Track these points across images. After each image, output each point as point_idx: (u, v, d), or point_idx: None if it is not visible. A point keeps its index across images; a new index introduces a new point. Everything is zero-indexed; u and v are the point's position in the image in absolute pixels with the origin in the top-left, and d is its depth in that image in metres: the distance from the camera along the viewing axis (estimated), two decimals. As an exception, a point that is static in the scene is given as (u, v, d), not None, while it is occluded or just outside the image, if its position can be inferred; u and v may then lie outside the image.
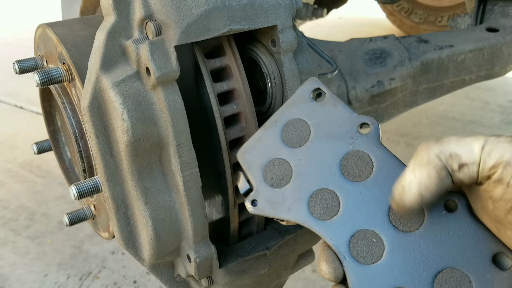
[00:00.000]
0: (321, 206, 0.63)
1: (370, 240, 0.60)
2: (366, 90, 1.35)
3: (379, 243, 0.59)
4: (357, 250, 0.60)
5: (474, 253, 0.56)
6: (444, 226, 0.58)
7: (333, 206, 0.62)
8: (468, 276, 0.56)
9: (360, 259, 0.59)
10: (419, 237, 0.58)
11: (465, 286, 0.56)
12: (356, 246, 0.60)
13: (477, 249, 0.56)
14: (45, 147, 1.11)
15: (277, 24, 0.82)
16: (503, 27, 1.53)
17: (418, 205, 0.55)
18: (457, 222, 0.58)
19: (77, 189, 0.84)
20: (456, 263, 0.57)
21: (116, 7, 0.73)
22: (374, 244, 0.59)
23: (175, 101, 0.75)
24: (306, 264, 1.00)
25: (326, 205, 0.63)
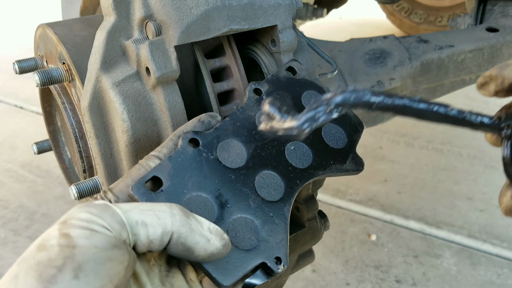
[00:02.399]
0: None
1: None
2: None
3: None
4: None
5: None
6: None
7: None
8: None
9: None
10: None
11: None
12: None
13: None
14: (45, 147, 1.11)
15: (277, 24, 0.82)
16: (503, 27, 1.53)
17: None
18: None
19: (77, 189, 0.84)
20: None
21: (116, 7, 0.73)
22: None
23: (175, 101, 0.75)
24: (306, 264, 1.00)
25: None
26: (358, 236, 1.93)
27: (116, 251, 0.47)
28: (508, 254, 1.83)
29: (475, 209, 2.08)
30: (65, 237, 0.46)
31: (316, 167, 0.72)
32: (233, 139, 0.68)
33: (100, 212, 0.49)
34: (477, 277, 1.73)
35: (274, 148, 0.70)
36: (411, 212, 2.06)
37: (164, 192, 0.60)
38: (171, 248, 0.53)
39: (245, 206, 0.64)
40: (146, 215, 0.52)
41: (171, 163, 0.62)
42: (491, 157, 2.43)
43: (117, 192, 0.60)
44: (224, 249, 0.55)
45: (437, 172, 2.33)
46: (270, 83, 0.76)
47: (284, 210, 0.66)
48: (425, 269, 1.77)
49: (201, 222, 0.55)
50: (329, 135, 0.76)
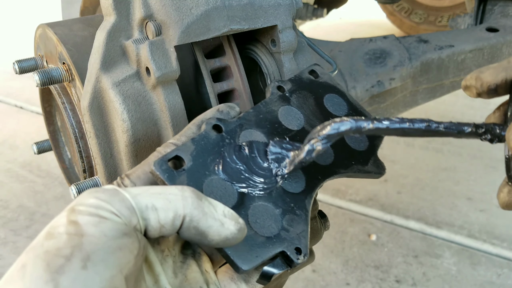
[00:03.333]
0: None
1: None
2: (366, 90, 1.35)
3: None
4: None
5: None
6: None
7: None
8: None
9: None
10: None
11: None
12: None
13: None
14: (45, 147, 1.11)
15: (277, 24, 0.82)
16: (503, 27, 1.53)
17: None
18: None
19: (77, 189, 0.84)
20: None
21: (116, 7, 0.73)
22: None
23: (175, 101, 0.75)
24: (306, 264, 1.00)
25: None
26: (358, 236, 1.93)
27: (126, 239, 0.46)
28: (508, 254, 1.83)
29: (475, 209, 2.08)
30: (73, 224, 0.45)
31: (338, 166, 0.73)
32: (256, 129, 0.68)
33: (109, 197, 0.48)
34: (477, 277, 1.73)
35: (298, 142, 0.71)
36: (411, 212, 2.06)
37: (186, 172, 0.60)
38: (183, 232, 0.51)
39: (266, 194, 0.64)
40: (157, 198, 0.50)
41: (194, 145, 0.62)
42: (491, 157, 2.43)
43: (134, 179, 0.60)
44: (239, 234, 0.53)
45: (437, 172, 2.33)
46: (293, 82, 0.77)
47: (305, 202, 0.66)
48: (425, 269, 1.77)
49: (215, 206, 0.53)
50: (351, 138, 0.77)
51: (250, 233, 0.60)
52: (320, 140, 0.64)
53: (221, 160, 0.63)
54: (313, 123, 0.74)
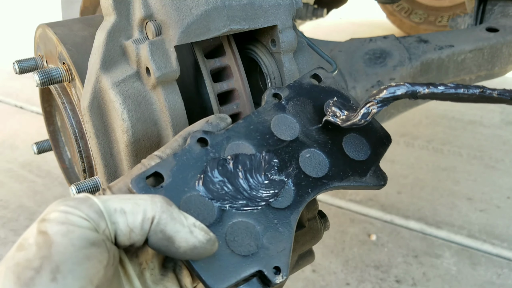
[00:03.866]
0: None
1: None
2: (366, 90, 1.35)
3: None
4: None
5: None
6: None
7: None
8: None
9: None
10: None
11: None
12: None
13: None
14: (45, 147, 1.11)
15: (277, 24, 0.82)
16: (503, 27, 1.53)
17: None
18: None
19: (77, 189, 0.84)
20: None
21: (116, 7, 0.73)
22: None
23: (175, 101, 0.75)
24: (306, 264, 1.00)
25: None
26: (358, 236, 1.93)
27: (94, 249, 0.46)
28: (508, 254, 1.83)
29: (475, 209, 2.08)
30: (42, 234, 0.45)
31: (331, 178, 0.70)
32: (244, 141, 0.66)
33: (77, 203, 0.48)
34: (477, 277, 1.73)
35: (288, 154, 0.69)
36: (411, 212, 2.06)
37: (164, 189, 0.59)
38: (151, 237, 0.51)
39: (248, 210, 0.62)
40: (125, 203, 0.50)
41: (175, 160, 0.61)
42: (491, 157, 2.43)
43: (115, 190, 0.60)
44: (209, 245, 0.53)
45: (437, 172, 2.33)
46: (292, 88, 0.74)
47: (291, 218, 0.64)
48: (425, 269, 1.77)
49: (186, 216, 0.53)
50: (351, 146, 0.74)
51: (225, 251, 0.58)
52: (375, 103, 0.64)
53: (203, 175, 0.61)
54: (309, 132, 0.72)
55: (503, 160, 2.40)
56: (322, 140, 0.72)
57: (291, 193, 0.66)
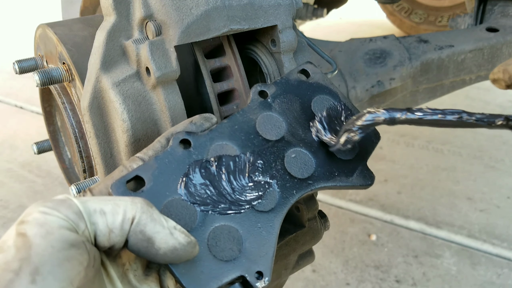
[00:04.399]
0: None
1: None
2: (366, 90, 1.35)
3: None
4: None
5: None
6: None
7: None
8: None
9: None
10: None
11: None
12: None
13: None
14: (45, 147, 1.11)
15: (277, 24, 0.82)
16: (503, 27, 1.53)
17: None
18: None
19: (77, 189, 0.84)
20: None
21: (116, 7, 0.73)
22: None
23: (175, 101, 0.75)
24: (306, 264, 1.00)
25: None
26: (358, 236, 1.93)
27: (74, 250, 0.46)
28: (508, 254, 1.83)
29: (475, 209, 2.08)
30: (21, 236, 0.45)
31: (317, 178, 0.68)
32: (228, 142, 0.65)
33: (56, 205, 0.48)
34: (477, 277, 1.73)
35: (273, 154, 0.67)
36: (411, 212, 2.06)
37: (145, 193, 0.58)
38: (131, 237, 0.50)
39: (231, 214, 0.61)
40: (105, 203, 0.50)
41: (156, 163, 0.60)
42: (491, 157, 2.43)
43: (96, 193, 0.59)
44: (189, 247, 0.52)
45: (437, 172, 2.33)
46: (279, 85, 0.73)
47: (274, 221, 0.62)
48: (425, 269, 1.77)
49: (167, 219, 0.52)
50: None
51: (207, 256, 0.57)
52: (355, 130, 0.65)
53: (185, 178, 0.60)
54: (295, 130, 0.70)
55: (503, 160, 2.40)
56: (309, 139, 0.71)
57: (275, 195, 0.64)
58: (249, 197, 0.63)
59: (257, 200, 0.63)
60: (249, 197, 0.63)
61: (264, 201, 0.63)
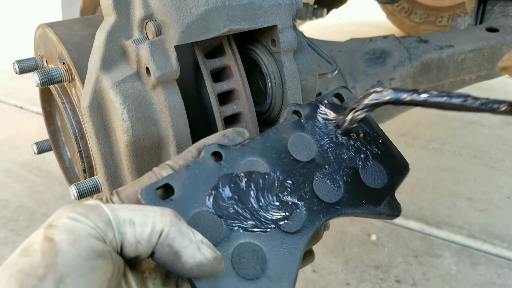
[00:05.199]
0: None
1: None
2: (366, 90, 1.35)
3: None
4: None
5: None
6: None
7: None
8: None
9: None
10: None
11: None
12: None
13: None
14: (45, 147, 1.11)
15: (277, 24, 0.82)
16: (503, 27, 1.53)
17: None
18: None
19: (77, 189, 0.84)
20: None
21: (116, 7, 0.73)
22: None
23: (175, 101, 0.75)
24: (306, 264, 1.00)
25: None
26: (358, 236, 1.93)
27: (100, 260, 0.45)
28: (508, 254, 1.83)
29: (475, 209, 2.08)
30: (48, 241, 0.45)
31: (345, 204, 0.67)
32: (259, 159, 0.64)
33: (86, 211, 0.48)
34: (477, 277, 1.73)
35: (302, 176, 0.66)
36: (411, 212, 2.06)
37: (173, 202, 0.58)
38: (158, 250, 0.50)
39: (257, 232, 0.60)
40: (135, 214, 0.50)
41: (187, 173, 0.60)
42: (491, 157, 2.43)
43: (123, 197, 0.59)
44: (215, 263, 0.52)
45: (437, 172, 2.33)
46: (313, 107, 0.72)
47: (299, 244, 0.62)
48: (425, 269, 1.77)
49: (194, 232, 0.52)
50: (368, 172, 0.71)
51: (230, 273, 0.57)
52: (361, 109, 0.65)
53: (214, 191, 0.60)
54: (326, 153, 0.70)
55: (503, 160, 2.40)
56: (340, 163, 0.70)
57: (302, 217, 0.64)
58: (276, 216, 0.62)
59: (283, 220, 0.62)
60: (276, 217, 0.62)
61: (291, 222, 0.62)
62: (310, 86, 0.91)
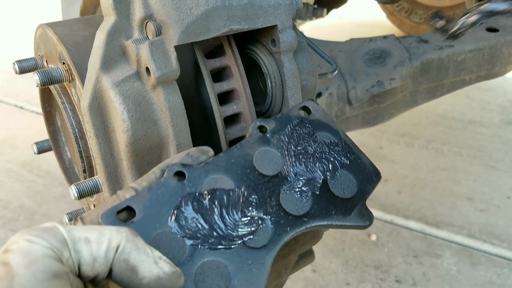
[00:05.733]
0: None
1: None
2: (366, 90, 1.35)
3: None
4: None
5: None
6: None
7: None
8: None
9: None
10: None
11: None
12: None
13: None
14: (45, 147, 1.11)
15: (277, 24, 0.82)
16: (503, 27, 1.53)
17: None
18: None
19: (77, 189, 0.84)
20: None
21: (116, 7, 0.73)
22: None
23: (175, 101, 0.75)
24: (306, 264, 1.00)
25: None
26: (358, 236, 1.93)
27: (56, 281, 0.45)
28: (508, 254, 1.83)
29: (475, 209, 2.08)
30: (4, 266, 0.45)
31: (313, 216, 0.66)
32: (224, 175, 0.64)
33: (41, 232, 0.48)
34: (477, 277, 1.73)
35: (268, 190, 0.66)
36: (411, 212, 2.06)
37: (135, 224, 0.57)
38: (115, 266, 0.49)
39: (221, 249, 0.59)
40: (90, 232, 0.50)
41: (149, 194, 0.59)
42: (491, 157, 2.43)
43: (87, 222, 0.58)
44: (174, 277, 0.51)
45: (437, 172, 2.33)
46: (278, 121, 0.72)
47: (265, 259, 0.61)
48: (425, 269, 1.77)
49: (152, 249, 0.52)
50: (337, 182, 0.70)
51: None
52: (476, 13, 0.68)
53: (176, 210, 0.60)
54: (293, 166, 0.69)
55: (503, 160, 2.40)
56: (307, 175, 0.70)
57: (268, 232, 0.63)
58: (241, 232, 0.61)
59: (249, 236, 0.62)
60: (241, 233, 0.61)
61: (257, 237, 0.62)
62: (310, 86, 0.91)
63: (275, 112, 0.89)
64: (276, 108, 0.88)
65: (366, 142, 2.58)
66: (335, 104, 1.34)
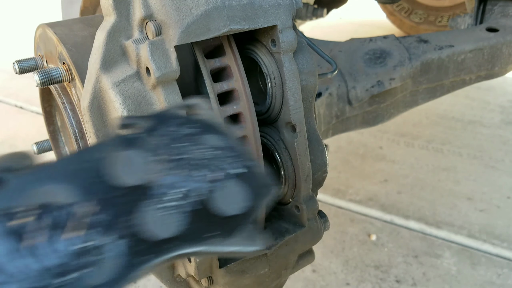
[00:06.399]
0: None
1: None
2: (366, 90, 1.35)
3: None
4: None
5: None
6: None
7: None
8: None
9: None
10: None
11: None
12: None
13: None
14: (45, 147, 1.11)
15: (277, 24, 0.82)
16: (503, 27, 1.53)
17: None
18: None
19: (77, 189, 0.84)
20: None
21: (116, 7, 0.73)
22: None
23: (175, 101, 0.75)
24: (306, 264, 1.00)
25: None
26: (358, 236, 1.93)
27: None
28: (508, 254, 1.83)
29: (475, 209, 2.08)
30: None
31: (183, 239, 0.51)
32: (64, 185, 0.47)
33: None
34: (477, 277, 1.73)
35: (124, 205, 0.49)
36: (411, 212, 2.06)
37: None
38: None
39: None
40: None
41: None
42: (491, 157, 2.43)
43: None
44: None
45: (437, 172, 2.33)
46: (153, 119, 0.57)
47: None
48: (425, 269, 1.77)
49: None
50: (221, 196, 0.54)
51: None
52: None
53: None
54: (160, 176, 0.52)
55: (503, 160, 2.40)
56: (178, 186, 0.53)
57: (119, 261, 0.47)
58: (74, 264, 0.44)
59: (83, 269, 0.45)
60: (74, 265, 0.44)
61: (97, 270, 0.45)
62: (310, 86, 0.91)
63: (275, 112, 0.89)
64: (276, 108, 0.89)
65: (366, 142, 2.58)
66: (335, 104, 1.34)
